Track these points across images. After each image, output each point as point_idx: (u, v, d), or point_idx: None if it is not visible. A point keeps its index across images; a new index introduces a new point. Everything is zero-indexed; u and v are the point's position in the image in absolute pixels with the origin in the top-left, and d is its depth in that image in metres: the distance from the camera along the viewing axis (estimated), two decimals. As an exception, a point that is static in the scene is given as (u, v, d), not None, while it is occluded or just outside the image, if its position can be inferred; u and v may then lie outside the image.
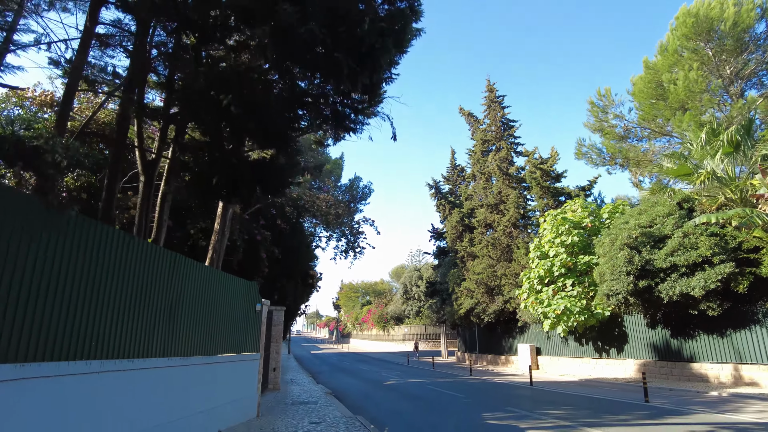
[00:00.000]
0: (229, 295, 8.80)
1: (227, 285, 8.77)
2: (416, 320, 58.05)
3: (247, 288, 9.73)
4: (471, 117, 34.11)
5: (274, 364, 14.55)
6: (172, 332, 6.66)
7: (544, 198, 26.10)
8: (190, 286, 7.27)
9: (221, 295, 8.45)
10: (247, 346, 9.68)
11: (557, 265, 21.21)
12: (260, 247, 14.05)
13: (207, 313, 7.84)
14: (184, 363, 6.95)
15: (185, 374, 7.02)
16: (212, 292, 8.07)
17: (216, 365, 8.14)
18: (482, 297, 27.44)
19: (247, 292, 9.73)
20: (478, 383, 18.52)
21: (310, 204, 16.10)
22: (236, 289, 9.18)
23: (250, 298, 9.88)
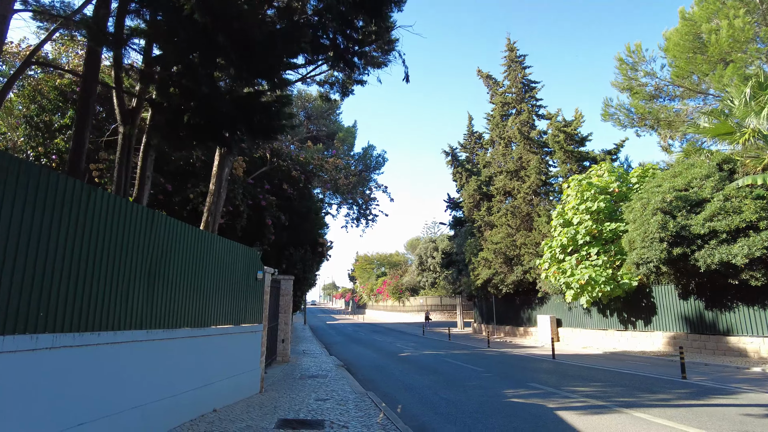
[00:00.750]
0: (225, 261, 7.95)
1: (223, 250, 7.90)
2: (431, 291, 57.51)
3: (246, 254, 8.87)
4: (489, 79, 32.46)
5: (282, 336, 13.87)
6: (153, 301, 5.82)
7: (567, 163, 24.70)
8: (176, 249, 6.39)
9: (216, 262, 7.60)
10: (248, 317, 8.89)
11: (581, 232, 20.04)
12: (265, 213, 13.18)
13: (198, 281, 6.99)
14: (169, 336, 6.14)
15: (170, 349, 6.22)
16: (205, 258, 7.21)
17: (210, 338, 7.34)
18: (500, 267, 26.46)
19: (247, 258, 8.88)
20: (497, 356, 17.72)
21: (318, 167, 15.13)
22: (234, 256, 8.32)
23: (250, 265, 9.04)
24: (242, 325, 8.60)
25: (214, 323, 7.50)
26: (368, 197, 16.59)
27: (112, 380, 5.04)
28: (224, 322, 7.88)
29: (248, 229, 13.32)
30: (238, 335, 8.43)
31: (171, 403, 6.12)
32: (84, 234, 4.66)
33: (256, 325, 9.26)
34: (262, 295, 9.61)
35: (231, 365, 8.12)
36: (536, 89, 29.10)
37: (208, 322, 7.32)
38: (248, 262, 8.94)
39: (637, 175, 20.49)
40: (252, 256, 9.11)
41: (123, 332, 5.21)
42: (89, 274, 4.70)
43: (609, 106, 22.43)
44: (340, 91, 11.80)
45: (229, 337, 8.05)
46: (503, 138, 29.07)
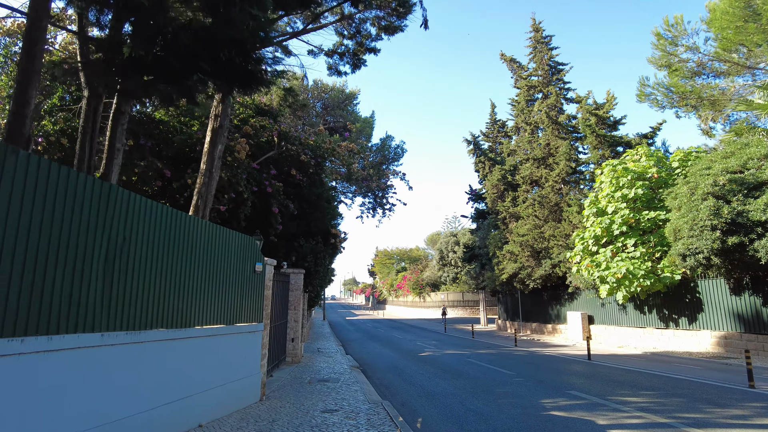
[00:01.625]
0: (213, 250, 6.80)
1: (211, 237, 6.76)
2: (453, 287, 56.03)
3: (242, 243, 7.71)
4: (513, 63, 30.80)
5: (292, 334, 12.76)
6: (112, 296, 4.69)
7: (599, 148, 23.00)
8: (146, 233, 5.26)
9: (201, 251, 6.45)
10: (244, 316, 7.74)
11: (617, 222, 18.43)
12: (272, 201, 12.05)
13: (177, 273, 5.86)
14: (135, 339, 5.00)
15: (137, 355, 5.09)
16: (185, 246, 6.07)
17: (194, 341, 6.20)
18: (527, 261, 24.93)
19: (243, 248, 7.72)
20: (525, 356, 16.32)
21: (329, 152, 13.93)
22: (225, 244, 7.17)
23: (246, 255, 7.89)
24: (237, 325, 7.45)
25: (199, 323, 6.36)
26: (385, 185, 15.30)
27: (44, 401, 3.90)
28: (213, 321, 6.73)
29: (253, 218, 12.21)
30: (232, 336, 7.28)
31: (138, 422, 4.99)
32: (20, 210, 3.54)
33: (255, 324, 8.11)
34: (262, 289, 8.46)
35: (223, 371, 6.98)
36: (564, 71, 27.37)
37: (191, 321, 6.17)
38: (244, 252, 7.79)
39: (678, 158, 18.75)
40: (249, 246, 7.95)
41: (63, 337, 4.07)
42: (5, 260, 3.56)
43: (645, 86, 20.66)
44: (350, 62, 10.56)
45: (220, 339, 6.90)
46: (529, 124, 27.44)
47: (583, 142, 24.48)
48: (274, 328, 11.00)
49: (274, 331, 10.90)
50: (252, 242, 8.05)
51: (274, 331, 10.90)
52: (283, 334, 12.31)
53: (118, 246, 4.81)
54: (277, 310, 11.46)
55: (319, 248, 13.26)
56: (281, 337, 12.02)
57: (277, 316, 11.34)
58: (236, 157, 11.69)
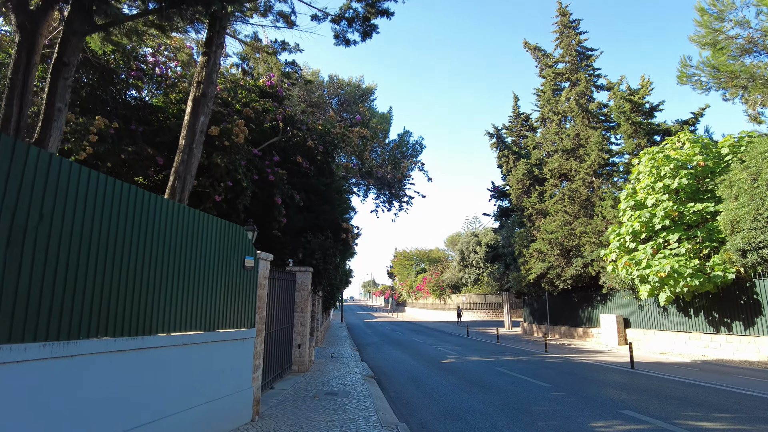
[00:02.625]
0: (188, 240, 5.51)
1: (185, 224, 5.47)
2: (474, 288, 54.26)
3: (227, 232, 6.41)
4: (538, 51, 29.11)
5: (299, 340, 11.45)
6: (18, 294, 3.40)
7: (633, 137, 21.21)
8: (84, 212, 3.98)
9: (171, 239, 5.17)
10: (230, 320, 6.43)
11: (659, 215, 16.67)
12: (274, 190, 10.77)
13: (132, 267, 4.57)
14: (58, 353, 3.71)
15: (65, 375, 3.79)
16: (148, 232, 4.79)
17: (157, 352, 4.90)
18: (556, 260, 23.23)
19: (227, 238, 6.42)
20: (559, 364, 14.72)
21: (339, 138, 12.60)
22: (204, 233, 5.88)
23: (234, 248, 6.58)
24: (220, 331, 6.14)
25: (165, 329, 5.06)
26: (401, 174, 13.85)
27: None
28: (186, 326, 5.43)
29: (254, 210, 10.96)
30: (213, 345, 5.97)
31: (64, 463, 3.70)
32: None
33: (245, 330, 6.79)
34: (254, 289, 7.14)
35: (202, 388, 5.67)
36: (593, 57, 25.58)
37: (154, 327, 4.88)
38: (230, 244, 6.48)
39: (728, 144, 16.90)
40: (236, 236, 6.64)
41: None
42: None
43: (687, 66, 18.82)
44: (360, 29, 9.20)
45: (197, 348, 5.60)
46: (557, 113, 25.72)
47: (616, 131, 22.69)
48: (276, 334, 9.70)
49: (274, 337, 9.60)
50: (240, 232, 6.74)
51: (274, 337, 9.60)
52: (288, 340, 11.00)
53: (30, 225, 3.52)
54: (280, 313, 10.17)
55: (329, 244, 11.93)
56: (285, 343, 10.71)
57: (279, 319, 10.04)
58: (234, 141, 10.46)
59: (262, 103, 11.86)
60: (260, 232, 11.51)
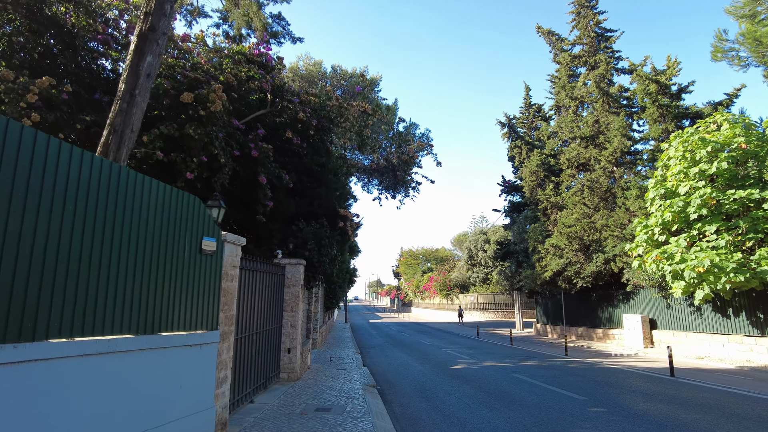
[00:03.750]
0: (109, 207, 3.93)
1: (106, 184, 3.89)
2: (483, 288, 52.48)
3: (174, 203, 4.83)
4: (552, 35, 27.41)
5: (288, 344, 9.85)
6: None
7: (660, 122, 19.46)
8: None
9: (76, 203, 3.59)
10: (180, 320, 4.86)
11: (695, 204, 14.93)
12: (258, 168, 9.17)
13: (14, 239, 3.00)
14: None
15: None
16: (34, 188, 3.21)
17: (58, 365, 3.33)
18: (575, 255, 21.52)
19: (177, 211, 4.84)
20: (585, 369, 13.05)
21: (336, 110, 10.97)
22: (139, 200, 4.30)
23: (185, 225, 5.00)
24: (163, 335, 4.55)
25: (60, 333, 3.48)
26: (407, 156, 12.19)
27: None
28: (100, 329, 3.85)
29: (234, 191, 9.39)
30: (150, 354, 4.38)
31: None
32: None
33: (202, 334, 5.20)
34: (216, 280, 5.56)
35: (130, 414, 4.09)
36: (613, 38, 23.83)
37: (35, 330, 3.30)
38: (178, 219, 4.89)
39: (773, 124, 15.14)
40: (188, 209, 5.06)
41: None
42: None
43: (723, 40, 17.11)
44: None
45: (120, 359, 4.01)
46: (574, 98, 24.00)
47: (640, 116, 20.95)
48: (257, 337, 8.12)
49: (255, 341, 8.02)
50: (194, 205, 5.15)
51: (255, 341, 8.02)
52: (275, 344, 9.42)
53: None
54: (264, 312, 8.59)
55: (324, 232, 10.32)
56: (271, 347, 9.12)
57: (262, 319, 8.46)
58: (210, 110, 8.89)
59: (246, 70, 10.31)
60: (243, 218, 9.94)
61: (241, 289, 6.84)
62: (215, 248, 5.44)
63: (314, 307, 17.88)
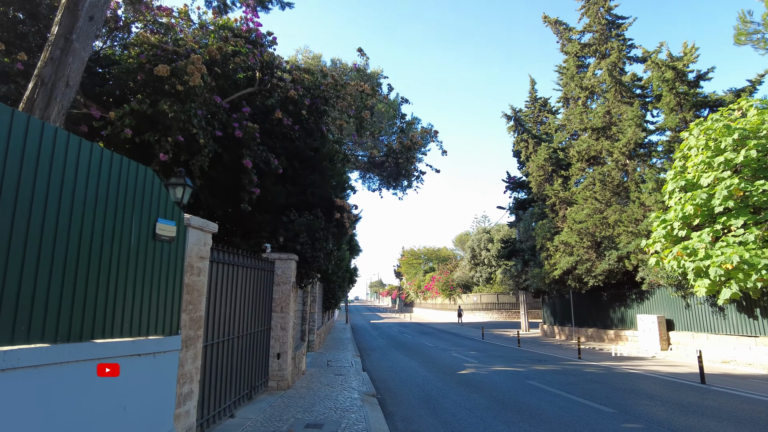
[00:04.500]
0: (18, 173, 2.88)
1: (22, 143, 2.85)
2: (486, 288, 51.38)
3: (117, 173, 3.78)
4: (559, 25, 26.33)
5: (278, 348, 8.80)
6: None
7: (677, 111, 18.38)
8: None
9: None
10: (125, 324, 3.81)
11: (720, 196, 13.85)
12: (243, 151, 8.12)
13: None
14: None
15: None
16: None
17: None
18: (586, 253, 20.44)
19: (122, 185, 3.79)
20: (605, 375, 11.98)
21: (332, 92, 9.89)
22: (68, 167, 3.25)
23: (133, 203, 3.96)
24: (97, 343, 3.50)
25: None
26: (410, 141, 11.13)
27: None
28: (3, 339, 2.80)
29: (216, 177, 8.34)
30: (78, 367, 3.34)
31: None
32: None
33: (158, 340, 4.15)
34: (177, 274, 4.51)
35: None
36: (624, 26, 22.75)
37: None
38: (120, 193, 3.84)
39: (804, 109, 14.06)
40: (136, 181, 4.01)
41: None
42: None
43: (747, 23, 15.99)
44: None
45: (32, 376, 2.97)
46: (585, 89, 22.91)
47: (654, 105, 19.89)
48: (240, 341, 7.06)
49: (236, 346, 6.96)
50: (147, 178, 4.10)
51: (236, 346, 6.96)
52: (262, 348, 8.36)
53: None
54: (248, 313, 7.54)
55: (318, 224, 9.26)
56: (258, 352, 8.07)
57: (245, 321, 7.41)
58: (188, 84, 7.85)
59: (233, 44, 9.28)
60: (226, 207, 8.90)
61: (213, 285, 5.78)
62: (175, 234, 4.39)
63: (311, 307, 16.83)
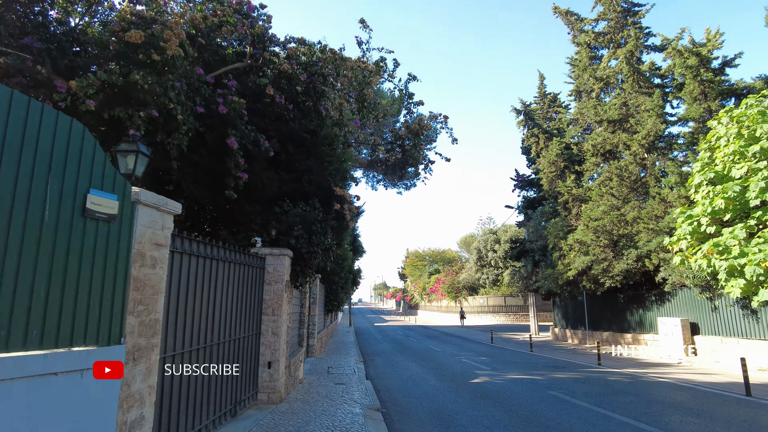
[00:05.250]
0: None
1: None
2: (493, 290, 50.16)
3: (21, 118, 2.73)
4: (570, 16, 25.20)
5: (268, 356, 7.73)
6: None
7: (701, 100, 17.25)
8: None
9: None
10: (37, 330, 2.75)
11: (756, 188, 12.70)
12: (228, 130, 7.08)
13: None
14: None
15: None
16: None
17: None
18: (602, 252, 19.28)
19: (28, 138, 2.74)
20: (633, 384, 10.85)
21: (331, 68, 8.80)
22: None
23: (46, 162, 2.90)
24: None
25: None
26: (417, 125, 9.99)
27: None
28: None
29: (198, 161, 7.30)
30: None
31: None
32: None
33: (87, 352, 3.09)
34: (121, 263, 3.46)
35: None
36: (642, 12, 21.61)
37: None
38: (29, 151, 2.79)
39: None
40: (55, 137, 2.95)
41: None
42: None
43: (780, 3, 14.85)
44: None
45: None
46: (599, 79, 21.77)
47: (675, 95, 18.77)
48: (218, 348, 5.99)
49: (217, 354, 5.89)
50: (75, 132, 3.05)
51: (217, 354, 5.89)
52: (251, 357, 7.29)
53: None
54: (234, 316, 6.47)
55: (315, 215, 8.19)
56: (245, 361, 7.00)
57: (231, 325, 6.34)
58: (165, 53, 6.83)
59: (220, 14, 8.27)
60: (212, 196, 7.85)
61: (179, 281, 4.71)
62: (116, 211, 3.34)
63: (311, 309, 15.77)
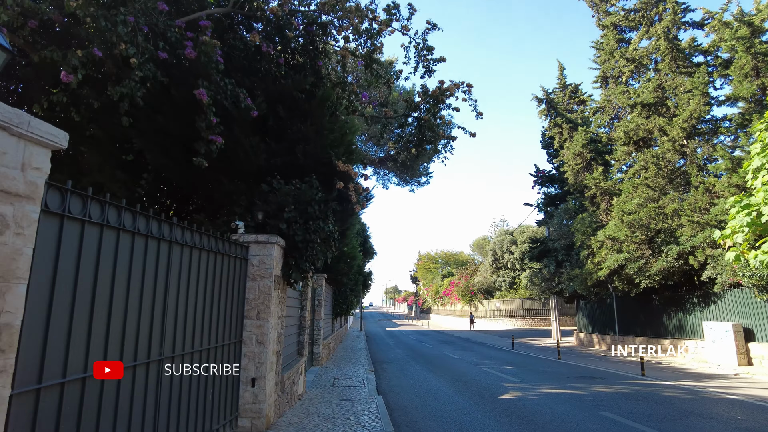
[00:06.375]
0: None
1: None
2: (509, 293, 48.15)
3: None
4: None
5: (252, 371, 6.08)
6: None
7: (753, 76, 15.36)
8: None
9: None
10: None
11: (832, 170, 10.83)
12: (197, 80, 5.49)
13: None
14: None
15: None
16: None
17: None
18: (637, 249, 17.39)
19: None
20: (698, 402, 9.03)
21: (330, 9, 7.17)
22: None
23: None
24: None
25: None
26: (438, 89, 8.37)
27: None
28: None
29: (163, 123, 5.69)
30: None
31: None
32: None
33: None
34: None
35: None
36: (677, -12, 19.76)
37: None
38: None
39: None
40: None
41: None
42: None
43: None
44: None
45: None
46: (631, 60, 19.91)
47: (720, 73, 16.87)
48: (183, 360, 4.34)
49: (174, 371, 4.24)
50: None
51: (174, 371, 4.24)
52: (229, 373, 5.65)
53: None
54: (203, 320, 4.83)
55: (312, 195, 6.55)
56: (219, 379, 5.35)
57: (201, 331, 4.70)
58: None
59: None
60: (179, 168, 6.23)
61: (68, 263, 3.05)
62: None
63: (315, 312, 14.13)
